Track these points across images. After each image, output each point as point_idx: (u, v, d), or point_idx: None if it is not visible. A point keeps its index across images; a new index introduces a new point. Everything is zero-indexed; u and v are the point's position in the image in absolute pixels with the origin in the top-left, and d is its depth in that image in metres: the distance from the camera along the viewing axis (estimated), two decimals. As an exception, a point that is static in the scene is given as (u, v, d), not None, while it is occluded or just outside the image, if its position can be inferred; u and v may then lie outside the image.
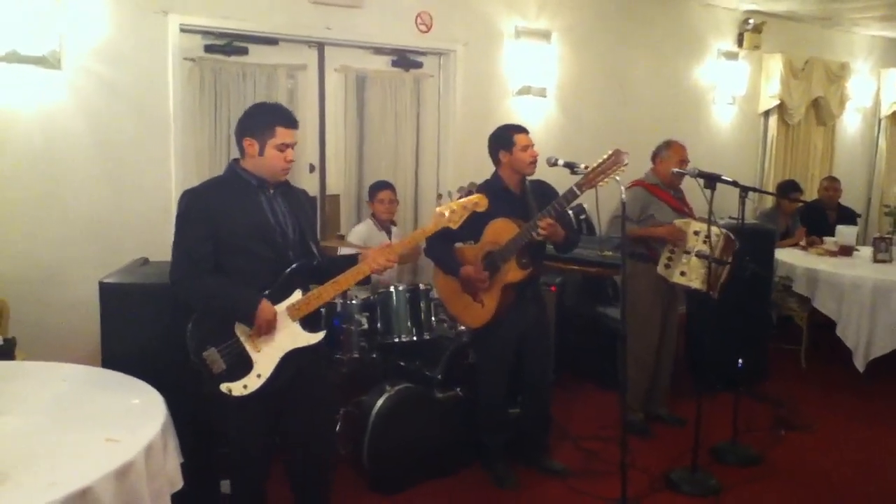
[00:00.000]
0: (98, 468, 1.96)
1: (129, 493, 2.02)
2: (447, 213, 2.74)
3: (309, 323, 2.71)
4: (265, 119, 2.65)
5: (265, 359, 2.63)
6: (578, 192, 3.30)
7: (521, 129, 3.61)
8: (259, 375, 2.62)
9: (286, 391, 2.72)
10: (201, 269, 2.59)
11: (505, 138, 3.59)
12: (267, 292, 2.62)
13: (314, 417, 2.85)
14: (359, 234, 4.71)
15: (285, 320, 2.64)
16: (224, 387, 2.60)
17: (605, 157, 3.22)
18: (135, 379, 2.64)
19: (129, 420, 2.31)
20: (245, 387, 2.61)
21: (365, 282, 2.80)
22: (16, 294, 3.88)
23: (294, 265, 2.68)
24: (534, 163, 3.55)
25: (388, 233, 4.78)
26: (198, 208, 2.62)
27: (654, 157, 4.29)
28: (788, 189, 6.29)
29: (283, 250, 2.69)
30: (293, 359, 2.67)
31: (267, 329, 2.59)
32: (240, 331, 2.63)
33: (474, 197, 2.80)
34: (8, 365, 3.01)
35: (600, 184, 3.25)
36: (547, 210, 3.32)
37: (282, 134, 2.63)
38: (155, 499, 2.16)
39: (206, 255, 2.60)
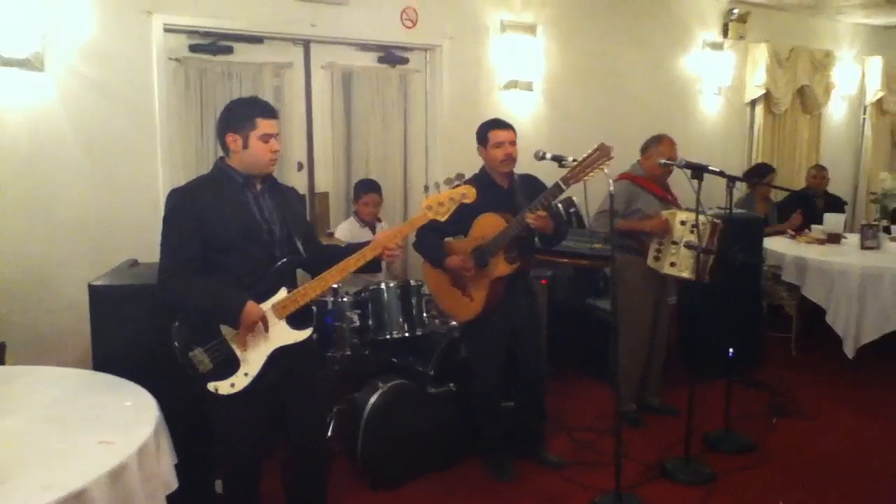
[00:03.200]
0: (92, 470, 1.95)
1: (123, 494, 2.02)
2: (434, 205, 2.73)
3: (297, 320, 2.70)
4: (245, 112, 2.65)
5: (252, 357, 2.63)
6: (564, 187, 3.30)
7: (500, 126, 3.58)
8: (246, 374, 2.62)
9: (277, 389, 2.72)
10: (187, 269, 2.58)
11: (482, 134, 3.60)
12: (250, 292, 2.61)
13: (306, 415, 2.85)
14: (343, 232, 4.73)
15: (271, 318, 2.63)
16: (211, 386, 2.60)
17: (591, 151, 3.22)
18: (126, 381, 2.64)
19: (121, 422, 2.31)
20: (233, 385, 2.61)
21: (372, 269, 2.81)
22: (5, 298, 3.87)
23: (279, 263, 2.67)
24: (506, 161, 3.54)
25: (373, 229, 4.80)
26: (183, 208, 2.61)
27: (644, 150, 4.30)
28: (758, 173, 6.33)
29: (269, 248, 2.68)
30: (281, 357, 2.66)
31: (253, 330, 2.58)
32: (226, 330, 2.62)
33: (462, 188, 2.76)
34: (-1, 370, 3.01)
35: (587, 178, 3.25)
36: (534, 205, 3.32)
37: (263, 125, 2.63)
38: (149, 500, 2.15)
39: (192, 255, 2.59)
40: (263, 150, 2.64)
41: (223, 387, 2.61)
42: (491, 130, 3.56)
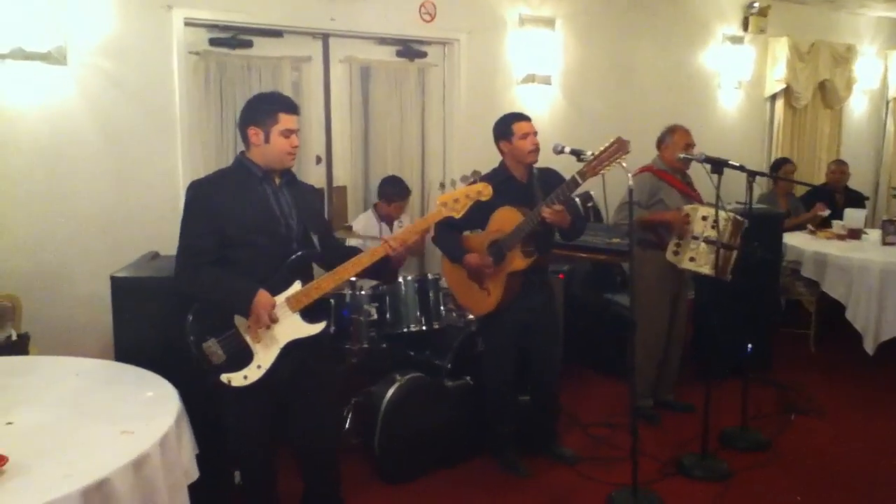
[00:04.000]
0: (114, 460, 1.98)
1: (145, 484, 2.04)
2: (450, 202, 2.75)
3: (312, 314, 2.72)
4: (267, 107, 2.68)
5: (265, 350, 2.65)
6: (581, 181, 3.30)
7: (522, 118, 3.59)
8: (259, 366, 2.64)
9: (290, 383, 2.74)
10: (202, 261, 2.62)
11: (505, 127, 3.59)
12: (265, 284, 2.62)
13: (319, 408, 2.86)
14: (359, 224, 4.75)
15: (285, 311, 2.65)
16: (224, 377, 2.63)
17: (607, 144, 3.21)
18: (148, 372, 2.67)
19: (143, 412, 2.33)
20: (245, 377, 2.63)
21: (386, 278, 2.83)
22: (27, 289, 3.91)
23: (293, 256, 2.69)
24: (534, 151, 3.54)
25: (390, 225, 4.81)
26: (201, 200, 2.65)
27: (660, 143, 4.30)
28: (775, 167, 6.34)
29: (287, 242, 2.70)
30: (295, 350, 2.68)
31: (265, 319, 2.59)
32: (239, 322, 2.65)
33: (478, 185, 2.78)
34: (22, 360, 3.05)
35: (603, 171, 3.25)
36: (550, 199, 3.32)
37: (285, 120, 2.66)
38: (171, 490, 2.18)
39: (208, 248, 2.62)
40: (284, 144, 2.66)
41: (236, 378, 2.63)
42: (515, 122, 3.56)
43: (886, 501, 3.49)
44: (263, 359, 2.65)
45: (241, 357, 2.65)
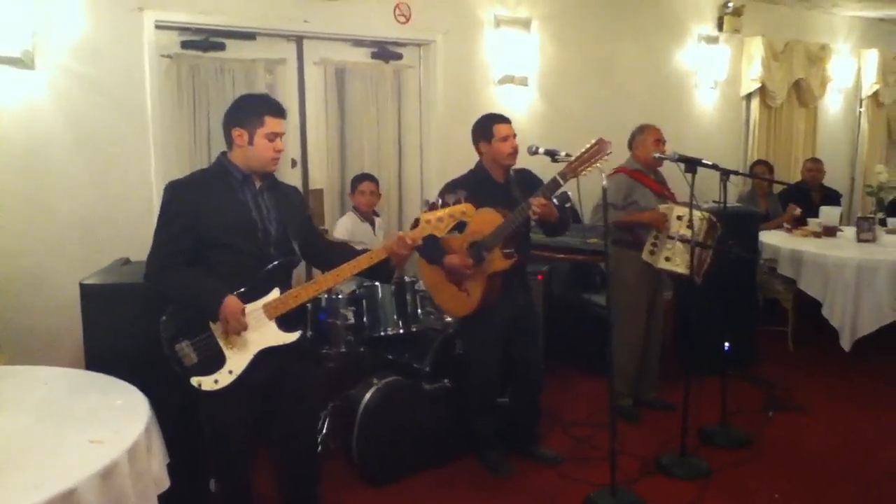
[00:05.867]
0: (82, 469, 1.94)
1: (113, 493, 2.01)
2: (433, 221, 2.73)
3: (289, 321, 2.69)
4: (254, 108, 2.64)
5: (238, 355, 2.62)
6: (562, 182, 3.29)
7: (502, 119, 3.59)
8: (231, 371, 2.61)
9: (267, 388, 2.71)
10: (174, 262, 2.59)
11: (485, 128, 3.57)
12: (242, 290, 2.60)
13: (292, 418, 2.83)
14: (344, 227, 4.71)
15: (261, 318, 2.62)
16: (195, 380, 2.60)
17: (589, 146, 3.21)
18: (118, 380, 2.62)
19: (112, 421, 2.29)
20: (216, 381, 2.60)
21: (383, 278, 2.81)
22: (-3, 297, 3.85)
23: (273, 263, 2.66)
24: (513, 154, 3.53)
25: (372, 224, 4.78)
26: (177, 201, 2.62)
27: (631, 143, 4.33)
28: (751, 169, 6.45)
29: (263, 246, 2.67)
30: (270, 357, 2.65)
31: (234, 325, 2.56)
32: (214, 325, 2.61)
33: (462, 206, 2.78)
34: (-10, 369, 2.98)
35: (584, 173, 3.25)
36: (537, 194, 3.31)
37: (271, 123, 2.62)
38: (140, 499, 2.14)
39: (181, 249, 2.59)
40: (268, 148, 2.63)
41: (206, 382, 2.61)
42: (496, 124, 3.55)
43: (866, 495, 3.51)
44: (235, 364, 2.62)
45: (214, 361, 2.61)
